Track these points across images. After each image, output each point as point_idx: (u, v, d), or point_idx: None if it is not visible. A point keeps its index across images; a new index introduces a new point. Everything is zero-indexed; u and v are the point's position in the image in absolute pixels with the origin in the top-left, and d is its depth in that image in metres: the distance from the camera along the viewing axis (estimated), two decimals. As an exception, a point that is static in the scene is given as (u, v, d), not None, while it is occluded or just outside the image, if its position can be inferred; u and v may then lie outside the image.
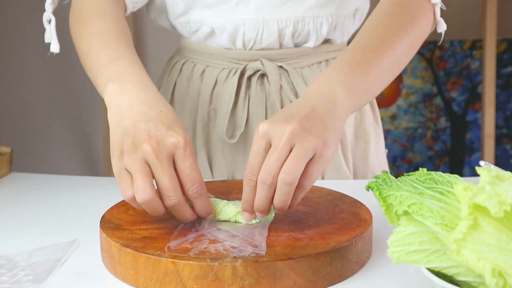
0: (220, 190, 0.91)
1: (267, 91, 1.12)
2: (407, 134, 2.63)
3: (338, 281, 0.72)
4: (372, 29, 0.90)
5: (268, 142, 0.75)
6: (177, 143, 0.75)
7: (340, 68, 0.84)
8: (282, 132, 0.74)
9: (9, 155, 1.18)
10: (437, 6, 0.98)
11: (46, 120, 2.35)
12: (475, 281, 0.58)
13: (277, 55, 1.11)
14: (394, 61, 0.89)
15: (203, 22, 1.10)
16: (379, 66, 0.86)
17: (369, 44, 0.87)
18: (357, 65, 0.84)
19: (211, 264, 0.67)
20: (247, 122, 1.12)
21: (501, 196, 0.55)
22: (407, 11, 0.93)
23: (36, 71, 2.24)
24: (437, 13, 0.99)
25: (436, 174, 0.64)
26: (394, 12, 0.93)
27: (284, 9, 1.07)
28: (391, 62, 0.88)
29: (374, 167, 1.20)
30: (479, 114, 2.59)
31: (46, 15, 1.05)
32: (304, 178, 0.74)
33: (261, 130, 0.75)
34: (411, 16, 0.93)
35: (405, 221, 0.61)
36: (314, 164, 0.75)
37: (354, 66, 0.84)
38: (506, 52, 2.56)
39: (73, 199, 1.04)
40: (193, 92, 1.14)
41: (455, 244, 0.55)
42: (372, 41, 0.88)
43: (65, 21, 1.07)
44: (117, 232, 0.76)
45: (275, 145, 0.74)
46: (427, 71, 2.60)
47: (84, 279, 0.74)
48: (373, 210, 0.82)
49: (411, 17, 0.93)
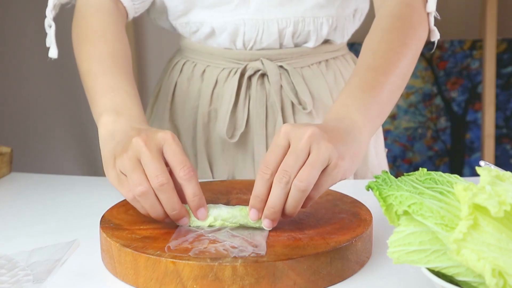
0: (220, 190, 0.91)
1: (267, 91, 1.12)
2: (407, 134, 2.63)
3: (338, 281, 0.72)
4: (377, 48, 0.91)
5: (287, 142, 0.75)
6: (165, 135, 0.77)
7: (355, 94, 0.85)
8: (302, 134, 0.75)
9: (9, 155, 1.18)
10: (431, 15, 0.99)
11: (46, 120, 2.35)
12: (475, 281, 0.59)
13: (277, 55, 1.11)
14: (401, 78, 0.90)
15: (203, 22, 1.10)
16: (389, 86, 0.87)
17: (378, 66, 0.88)
18: (370, 89, 0.85)
19: (211, 264, 0.67)
20: (248, 122, 1.12)
21: (501, 196, 0.55)
22: (406, 24, 0.94)
23: (36, 71, 2.24)
24: (431, 22, 1.00)
25: (436, 174, 0.64)
26: (394, 28, 0.94)
27: (284, 9, 1.07)
28: (399, 80, 0.89)
29: (373, 167, 1.20)
30: (479, 114, 2.59)
31: (47, 21, 1.05)
32: (314, 188, 0.74)
33: (283, 130, 0.76)
34: (412, 29, 0.94)
35: (405, 221, 0.61)
36: (326, 175, 0.75)
37: (368, 90, 0.85)
38: (506, 52, 2.56)
39: (73, 199, 1.04)
40: (193, 92, 1.15)
41: (455, 244, 0.55)
42: (380, 62, 0.89)
43: (66, 21, 1.07)
44: (117, 232, 0.76)
45: (294, 146, 0.74)
46: (427, 71, 2.60)
47: (84, 279, 0.74)
48: (373, 210, 0.82)
49: (412, 30, 0.94)
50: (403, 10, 0.96)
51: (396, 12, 0.96)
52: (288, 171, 0.73)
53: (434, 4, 0.98)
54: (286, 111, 1.12)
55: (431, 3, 0.98)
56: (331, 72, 1.15)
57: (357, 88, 0.85)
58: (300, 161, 0.73)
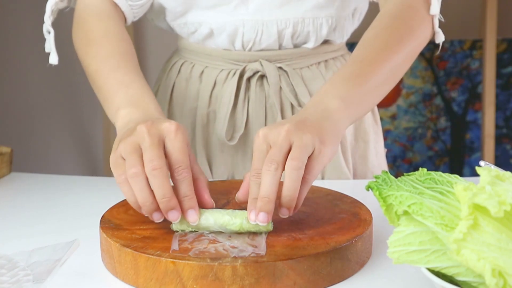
0: (220, 190, 0.91)
1: (267, 92, 1.12)
2: (407, 134, 2.63)
3: (338, 281, 0.72)
4: (370, 43, 0.92)
5: (268, 145, 0.77)
6: (169, 127, 0.77)
7: (337, 82, 0.87)
8: (280, 131, 0.76)
9: (9, 155, 1.18)
10: (435, 17, 1.00)
11: (47, 120, 2.35)
12: (475, 281, 0.59)
13: (276, 55, 1.11)
14: (390, 74, 0.91)
15: (202, 23, 1.10)
16: (375, 78, 0.89)
17: (366, 58, 0.90)
18: (353, 78, 0.87)
19: (211, 264, 0.67)
20: (247, 123, 1.11)
21: (501, 196, 0.55)
22: (405, 25, 0.95)
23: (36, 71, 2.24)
24: (436, 24, 1.00)
25: (436, 174, 0.65)
26: (392, 26, 0.95)
27: (284, 10, 1.07)
28: (387, 74, 0.91)
29: (373, 167, 1.20)
30: (479, 114, 2.59)
31: (45, 27, 1.06)
32: (306, 172, 0.75)
33: (261, 134, 0.78)
34: (409, 29, 0.95)
35: (405, 221, 0.61)
36: (314, 159, 0.76)
37: (351, 79, 0.87)
38: (506, 52, 2.56)
39: (73, 199, 1.04)
40: (192, 93, 1.14)
41: (455, 244, 0.55)
42: (369, 55, 0.90)
43: (65, 22, 1.07)
44: (117, 232, 0.76)
45: (274, 142, 0.76)
46: (427, 71, 2.60)
47: (84, 279, 0.74)
48: (373, 210, 0.82)
49: (409, 31, 0.95)
50: (403, 11, 0.97)
51: (396, 12, 0.97)
52: (275, 159, 0.74)
53: (437, 6, 0.99)
54: (285, 112, 1.12)
55: (434, 6, 0.98)
56: (331, 73, 1.15)
57: (341, 76, 0.87)
58: (284, 150, 0.75)
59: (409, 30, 0.95)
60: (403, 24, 0.95)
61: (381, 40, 0.92)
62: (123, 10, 1.07)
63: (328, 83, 0.86)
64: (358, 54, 0.91)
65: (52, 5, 1.06)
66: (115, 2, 1.06)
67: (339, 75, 0.88)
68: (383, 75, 0.90)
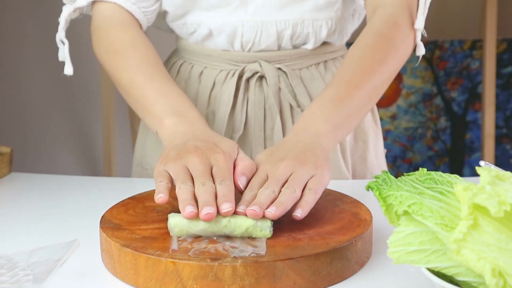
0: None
1: (266, 93, 1.11)
2: (407, 134, 2.63)
3: (338, 281, 0.72)
4: (355, 63, 0.95)
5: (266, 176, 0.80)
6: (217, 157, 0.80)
7: (324, 104, 0.90)
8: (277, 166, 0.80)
9: (9, 155, 1.18)
10: (418, 31, 1.02)
11: (46, 120, 2.35)
12: (475, 281, 0.59)
13: (275, 56, 1.11)
14: (373, 93, 0.96)
15: (201, 23, 1.10)
16: (359, 99, 0.92)
17: (352, 81, 0.93)
18: (339, 101, 0.91)
19: (211, 264, 0.67)
20: (246, 124, 1.11)
21: (501, 196, 0.55)
22: (389, 43, 0.98)
23: (36, 71, 2.24)
24: (418, 37, 1.02)
25: (436, 174, 0.65)
26: (376, 46, 0.97)
27: (283, 11, 1.07)
28: (370, 94, 0.95)
29: (373, 167, 1.20)
30: (479, 114, 2.59)
31: (58, 36, 1.07)
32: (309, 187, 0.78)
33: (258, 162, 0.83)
34: (393, 48, 0.98)
35: (405, 221, 0.61)
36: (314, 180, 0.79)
37: (337, 102, 0.90)
38: (506, 52, 2.56)
39: (73, 199, 1.04)
40: (191, 94, 1.14)
41: (455, 244, 0.55)
42: (354, 77, 0.93)
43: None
44: (117, 232, 0.76)
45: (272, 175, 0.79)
46: (427, 71, 2.60)
47: (84, 279, 0.74)
48: (373, 210, 0.82)
49: (393, 50, 0.98)
50: (388, 29, 0.99)
51: (380, 30, 0.98)
52: (272, 183, 0.77)
53: (422, 22, 1.01)
54: (284, 113, 1.12)
55: (419, 21, 1.01)
56: (330, 74, 1.15)
57: (327, 99, 0.91)
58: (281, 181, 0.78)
59: (394, 49, 0.97)
60: (388, 43, 0.97)
61: (366, 60, 0.95)
62: (137, 18, 1.08)
63: (314, 105, 0.90)
64: (343, 74, 0.94)
65: (66, 16, 1.06)
66: (129, 11, 1.06)
67: (325, 96, 0.91)
68: (366, 96, 0.93)
